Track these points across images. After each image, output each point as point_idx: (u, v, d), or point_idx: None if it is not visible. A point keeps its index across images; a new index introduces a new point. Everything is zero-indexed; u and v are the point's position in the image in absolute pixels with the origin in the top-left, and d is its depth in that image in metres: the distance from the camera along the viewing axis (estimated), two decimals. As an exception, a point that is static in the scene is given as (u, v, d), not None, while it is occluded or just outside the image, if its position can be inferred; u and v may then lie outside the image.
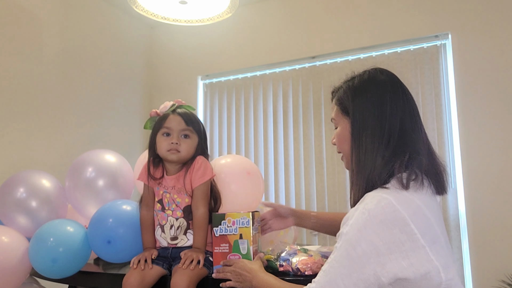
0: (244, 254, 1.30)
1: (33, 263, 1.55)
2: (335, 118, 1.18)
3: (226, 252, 1.31)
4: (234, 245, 1.31)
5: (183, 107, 1.47)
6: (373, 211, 0.95)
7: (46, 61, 3.06)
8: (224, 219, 1.33)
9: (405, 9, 3.15)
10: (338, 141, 1.17)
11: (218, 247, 1.32)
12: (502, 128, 2.80)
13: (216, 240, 1.33)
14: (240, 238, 1.31)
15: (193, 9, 2.36)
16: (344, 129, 1.14)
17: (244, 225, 1.31)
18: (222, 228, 1.33)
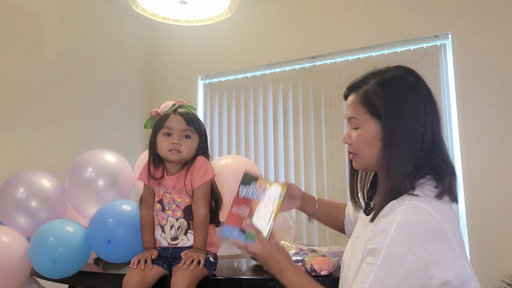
0: (262, 228, 1.17)
1: (33, 263, 1.55)
2: (358, 118, 1.08)
3: (244, 217, 1.17)
4: (256, 213, 1.18)
5: (184, 107, 1.46)
6: (414, 222, 0.91)
7: (46, 61, 3.06)
8: (255, 181, 1.20)
9: (405, 9, 3.15)
10: (359, 142, 1.09)
11: (237, 207, 1.18)
12: (502, 128, 2.80)
13: (238, 199, 1.19)
14: (265, 207, 1.18)
15: (193, 9, 2.36)
16: (369, 131, 1.06)
17: (275, 196, 1.18)
18: (250, 190, 1.19)
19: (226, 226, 1.16)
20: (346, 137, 1.13)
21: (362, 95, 1.08)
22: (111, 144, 3.44)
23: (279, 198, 1.17)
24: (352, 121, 1.10)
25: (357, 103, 1.09)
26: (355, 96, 1.10)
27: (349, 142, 1.12)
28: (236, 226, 1.15)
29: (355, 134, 1.09)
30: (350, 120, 1.11)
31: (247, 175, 1.21)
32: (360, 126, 1.08)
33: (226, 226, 1.16)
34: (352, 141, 1.11)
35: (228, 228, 1.16)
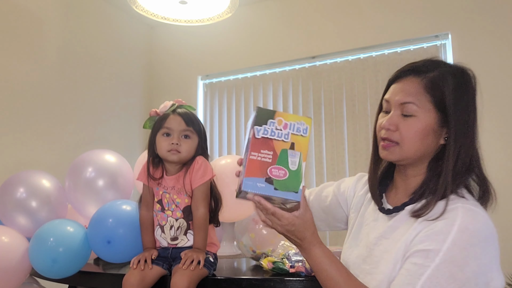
0: (293, 170, 0.94)
1: (33, 263, 1.55)
2: (418, 105, 0.97)
3: (267, 163, 0.93)
4: (281, 156, 0.94)
5: (183, 107, 1.46)
6: (476, 228, 0.88)
7: (46, 61, 3.06)
8: (272, 118, 0.95)
9: (405, 9, 3.15)
10: (409, 132, 0.97)
11: (256, 152, 0.94)
12: (502, 128, 2.80)
13: (256, 143, 0.95)
14: (291, 149, 0.95)
15: (193, 9, 2.36)
16: (426, 122, 0.97)
17: (300, 132, 0.95)
18: (268, 129, 0.95)
19: (247, 178, 0.92)
20: (391, 123, 0.99)
21: (429, 82, 0.97)
22: (111, 144, 3.44)
23: (304, 133, 0.96)
24: (407, 107, 0.97)
25: (421, 89, 0.97)
26: (419, 80, 0.98)
27: (394, 129, 0.99)
28: (260, 175, 0.93)
29: (406, 122, 0.97)
30: (403, 106, 0.98)
31: (261, 111, 0.96)
32: (417, 115, 0.97)
33: (248, 178, 0.92)
34: (397, 128, 0.98)
35: (250, 181, 0.92)
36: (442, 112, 0.96)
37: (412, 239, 0.92)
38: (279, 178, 0.93)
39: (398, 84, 1.01)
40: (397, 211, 1.01)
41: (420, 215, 0.94)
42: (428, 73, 0.98)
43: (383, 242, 1.00)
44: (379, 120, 1.05)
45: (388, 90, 1.04)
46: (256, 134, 0.95)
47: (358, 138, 3.20)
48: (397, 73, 1.03)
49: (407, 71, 1.01)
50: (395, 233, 0.98)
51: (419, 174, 1.02)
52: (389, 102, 1.02)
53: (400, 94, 0.99)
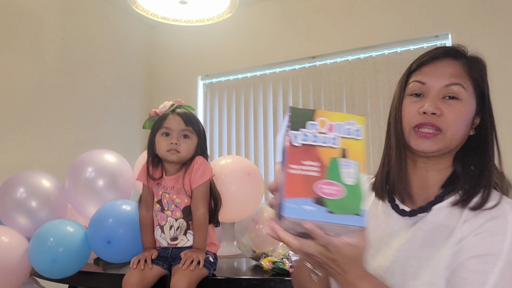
0: (350, 185, 0.69)
1: (33, 263, 1.55)
2: (465, 88, 0.89)
3: (314, 177, 0.69)
4: (332, 167, 0.70)
5: (182, 107, 1.46)
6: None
7: (46, 61, 3.06)
8: (312, 118, 0.72)
9: (405, 9, 3.15)
10: (457, 116, 0.87)
11: (297, 165, 0.70)
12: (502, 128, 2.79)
13: (295, 152, 0.71)
14: (343, 157, 0.72)
15: (193, 9, 2.36)
16: (470, 107, 0.90)
17: (352, 135, 0.72)
18: (309, 134, 0.72)
19: (289, 200, 0.67)
20: (436, 106, 0.87)
21: (471, 65, 0.91)
22: (111, 144, 3.44)
23: (358, 136, 0.72)
24: (453, 89, 0.88)
25: (464, 72, 0.90)
26: (460, 63, 0.91)
27: (439, 113, 0.87)
28: (306, 195, 0.68)
29: (450, 106, 0.87)
30: (448, 88, 0.88)
31: (296, 111, 0.74)
32: (462, 98, 0.88)
33: (289, 200, 0.68)
34: (442, 113, 0.87)
35: (293, 203, 0.67)
36: (479, 99, 0.91)
37: (457, 242, 0.82)
38: (333, 197, 0.68)
39: (435, 66, 0.91)
40: (421, 212, 0.89)
41: (478, 208, 0.83)
42: (465, 57, 0.92)
43: (413, 248, 0.86)
44: (409, 106, 0.91)
45: (419, 72, 0.92)
46: (293, 140, 0.71)
47: (358, 138, 3.19)
48: (431, 54, 0.93)
49: (443, 53, 0.92)
50: (430, 237, 0.86)
51: (443, 168, 0.92)
52: (425, 84, 0.90)
53: (443, 76, 0.89)
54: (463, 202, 0.85)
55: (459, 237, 0.82)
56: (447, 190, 0.90)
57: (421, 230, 0.88)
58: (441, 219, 0.86)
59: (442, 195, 0.89)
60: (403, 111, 0.92)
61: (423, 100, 0.89)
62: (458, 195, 0.87)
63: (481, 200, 0.84)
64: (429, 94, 0.89)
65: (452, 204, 0.86)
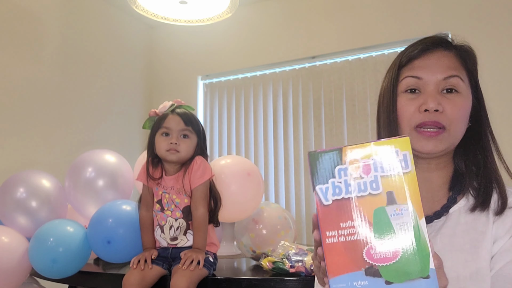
0: (410, 250, 0.54)
1: (33, 263, 1.55)
2: (463, 79, 0.83)
3: (359, 241, 0.55)
4: (377, 222, 0.55)
5: (182, 107, 1.46)
6: None
7: (46, 61, 3.06)
8: (341, 161, 0.56)
9: (405, 9, 3.15)
10: (459, 111, 0.81)
11: (334, 230, 0.56)
12: (502, 128, 2.79)
13: (327, 213, 0.56)
14: (391, 203, 0.55)
15: (193, 9, 2.36)
16: (469, 99, 0.84)
17: (398, 169, 0.55)
18: (339, 185, 0.56)
19: (334, 279, 0.55)
20: (439, 102, 0.80)
21: (463, 55, 0.87)
22: (111, 144, 3.44)
23: (406, 167, 0.55)
24: (452, 81, 0.82)
25: (458, 63, 0.85)
26: (452, 54, 0.86)
27: (442, 110, 0.80)
28: (354, 267, 0.54)
29: (451, 101, 0.81)
30: (447, 81, 0.82)
31: (317, 157, 0.57)
32: (461, 91, 0.82)
33: (335, 279, 0.55)
34: (444, 109, 0.80)
35: (341, 282, 0.54)
36: (474, 89, 0.86)
37: (492, 243, 0.78)
38: (389, 262, 0.53)
39: (428, 59, 0.85)
40: (438, 217, 0.83)
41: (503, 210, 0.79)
42: (456, 47, 0.88)
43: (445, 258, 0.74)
44: (406, 105, 0.83)
45: (411, 66, 0.86)
46: (322, 199, 0.56)
47: (358, 138, 3.19)
48: (420, 45, 0.88)
49: (432, 43, 0.87)
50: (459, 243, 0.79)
51: (445, 166, 0.87)
52: (421, 78, 0.83)
53: (439, 68, 0.83)
54: (482, 205, 0.80)
55: (493, 238, 0.78)
56: (457, 190, 0.84)
57: (446, 236, 0.80)
58: (464, 222, 0.81)
59: (454, 196, 0.84)
60: (399, 110, 0.84)
61: (421, 96, 0.82)
62: (472, 196, 0.82)
63: (501, 201, 0.80)
64: (427, 89, 0.82)
65: (471, 209, 0.81)
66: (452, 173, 0.87)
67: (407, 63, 0.87)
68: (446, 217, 0.83)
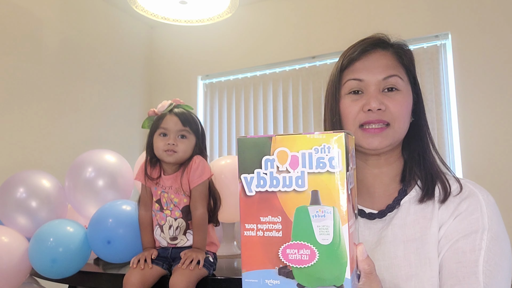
0: (324, 245, 0.51)
1: (33, 263, 1.55)
2: (402, 78, 0.88)
3: (276, 239, 0.53)
4: (298, 222, 0.52)
5: (180, 107, 1.46)
6: (491, 197, 0.86)
7: (46, 61, 3.06)
8: (269, 151, 0.53)
9: (405, 9, 3.15)
10: (401, 107, 0.86)
11: (253, 223, 0.54)
12: (502, 128, 2.79)
13: (248, 205, 0.54)
14: (314, 203, 0.52)
15: (193, 9, 2.36)
16: (410, 96, 0.89)
17: (326, 167, 0.52)
18: (265, 175, 0.53)
19: (247, 273, 0.54)
20: (381, 101, 0.85)
21: (400, 54, 0.92)
22: (111, 144, 3.44)
23: (332, 167, 0.51)
24: (391, 81, 0.87)
25: (396, 61, 0.90)
26: (389, 53, 0.91)
27: (384, 108, 0.85)
28: (268, 265, 0.53)
29: (392, 98, 0.86)
30: (386, 81, 0.87)
31: (245, 143, 0.54)
32: (401, 89, 0.88)
33: (248, 273, 0.54)
34: (386, 107, 0.86)
35: (252, 276, 0.53)
36: (413, 85, 0.91)
37: (438, 229, 0.83)
38: (303, 265, 0.51)
39: (367, 60, 0.89)
40: (390, 211, 0.88)
41: (447, 198, 0.85)
42: (392, 46, 0.93)
43: (397, 248, 0.83)
44: (350, 106, 0.88)
45: (352, 69, 0.90)
46: (246, 189, 0.53)
47: (358, 138, 3.19)
48: (359, 47, 0.91)
49: (371, 45, 0.91)
50: (409, 232, 0.84)
51: (394, 161, 0.92)
52: (362, 80, 0.87)
53: (379, 69, 0.87)
54: (428, 194, 0.86)
55: (438, 224, 0.83)
56: (407, 183, 0.89)
57: (397, 227, 0.85)
58: (413, 212, 0.86)
59: (404, 189, 0.89)
60: (343, 112, 0.89)
61: (364, 97, 0.87)
62: (418, 187, 0.88)
63: (443, 189, 0.86)
64: (369, 90, 0.87)
65: (419, 199, 0.87)
66: (402, 167, 0.92)
67: (348, 65, 0.92)
68: (398, 209, 0.88)
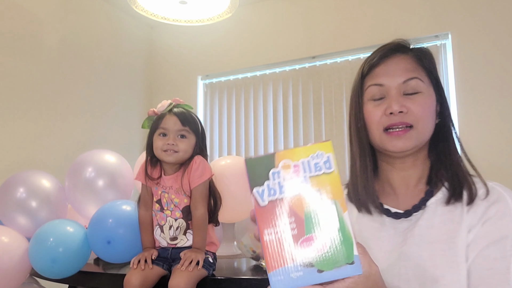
0: (337, 241, 0.61)
1: (33, 263, 1.55)
2: (422, 80, 0.89)
3: (294, 236, 0.61)
4: (308, 218, 0.61)
5: (180, 106, 1.45)
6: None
7: (46, 61, 3.06)
8: (273, 165, 0.62)
9: (405, 9, 3.15)
10: (424, 109, 0.87)
11: (270, 228, 0.63)
12: (502, 128, 2.79)
13: (263, 213, 0.63)
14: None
15: (193, 9, 2.36)
16: (432, 97, 0.90)
17: (322, 170, 0.62)
18: (274, 186, 0.62)
19: (273, 273, 0.61)
20: (402, 104, 0.86)
21: (420, 56, 0.92)
22: (111, 144, 3.44)
23: (328, 168, 0.62)
24: (412, 84, 0.88)
25: (416, 64, 0.91)
26: (409, 57, 0.92)
27: (406, 111, 0.86)
28: (289, 262, 0.61)
29: (414, 101, 0.87)
30: (407, 84, 0.88)
31: (254, 162, 0.63)
32: (423, 90, 0.88)
33: (274, 272, 0.61)
34: (408, 109, 0.86)
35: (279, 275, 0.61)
36: (436, 87, 0.92)
37: (467, 232, 0.82)
38: (319, 253, 0.60)
39: (387, 65, 0.91)
40: (416, 211, 0.88)
41: (473, 200, 0.84)
42: (412, 49, 0.94)
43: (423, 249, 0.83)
44: (373, 111, 0.90)
45: (373, 75, 0.92)
46: (259, 201, 0.62)
47: (358, 138, 3.19)
48: (379, 53, 0.93)
49: (390, 50, 0.93)
50: (436, 234, 0.84)
51: (421, 163, 0.92)
52: (383, 85, 0.90)
53: (398, 72, 0.89)
54: (455, 196, 0.85)
55: (467, 228, 0.82)
56: (433, 184, 0.90)
57: (423, 228, 0.85)
58: (440, 214, 0.86)
59: (431, 189, 0.90)
60: (367, 117, 0.91)
61: (386, 101, 0.89)
62: (445, 189, 0.88)
63: (469, 191, 0.85)
64: (390, 94, 0.89)
65: (446, 201, 0.86)
66: (429, 169, 0.92)
67: (368, 71, 0.93)
68: (424, 210, 0.88)
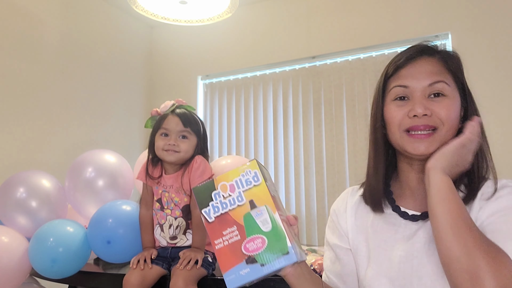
0: (268, 231, 0.75)
1: (33, 263, 1.55)
2: (448, 83, 0.88)
3: (237, 242, 0.76)
4: (247, 223, 0.76)
5: (182, 107, 1.46)
6: None
7: (46, 61, 3.06)
8: (214, 188, 0.78)
9: (405, 9, 3.15)
10: (449, 112, 0.87)
11: (219, 238, 0.77)
12: (503, 128, 2.79)
13: (213, 228, 0.78)
14: (253, 208, 0.77)
15: (193, 9, 2.36)
16: (458, 101, 0.89)
17: (252, 184, 0.77)
18: (217, 205, 0.78)
19: (227, 273, 0.75)
20: (426, 107, 0.86)
21: (447, 60, 0.91)
22: (111, 144, 3.44)
23: (256, 181, 0.77)
24: (437, 86, 0.87)
25: (442, 67, 0.90)
26: (436, 60, 0.91)
27: (430, 114, 0.86)
28: (238, 260, 0.75)
29: (439, 104, 0.87)
30: (432, 86, 0.87)
31: (199, 190, 0.80)
32: (448, 94, 0.88)
33: (227, 273, 0.75)
34: (432, 112, 0.86)
35: (231, 274, 0.75)
36: (461, 91, 0.91)
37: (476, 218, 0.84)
38: (260, 250, 0.74)
39: (413, 67, 0.90)
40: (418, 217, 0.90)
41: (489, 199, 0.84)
42: (439, 52, 0.92)
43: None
44: (395, 111, 0.90)
45: (398, 76, 0.91)
46: (208, 218, 0.78)
47: (358, 138, 3.20)
48: (405, 55, 0.91)
49: (416, 52, 0.91)
50: None
51: None
52: (408, 87, 0.89)
53: (424, 74, 0.88)
54: (469, 197, 0.86)
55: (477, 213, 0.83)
56: None
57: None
58: None
59: None
60: (388, 117, 0.91)
61: (409, 103, 0.88)
62: (461, 192, 0.87)
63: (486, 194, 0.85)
64: (414, 96, 0.88)
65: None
66: None
67: (393, 73, 0.93)
68: None
